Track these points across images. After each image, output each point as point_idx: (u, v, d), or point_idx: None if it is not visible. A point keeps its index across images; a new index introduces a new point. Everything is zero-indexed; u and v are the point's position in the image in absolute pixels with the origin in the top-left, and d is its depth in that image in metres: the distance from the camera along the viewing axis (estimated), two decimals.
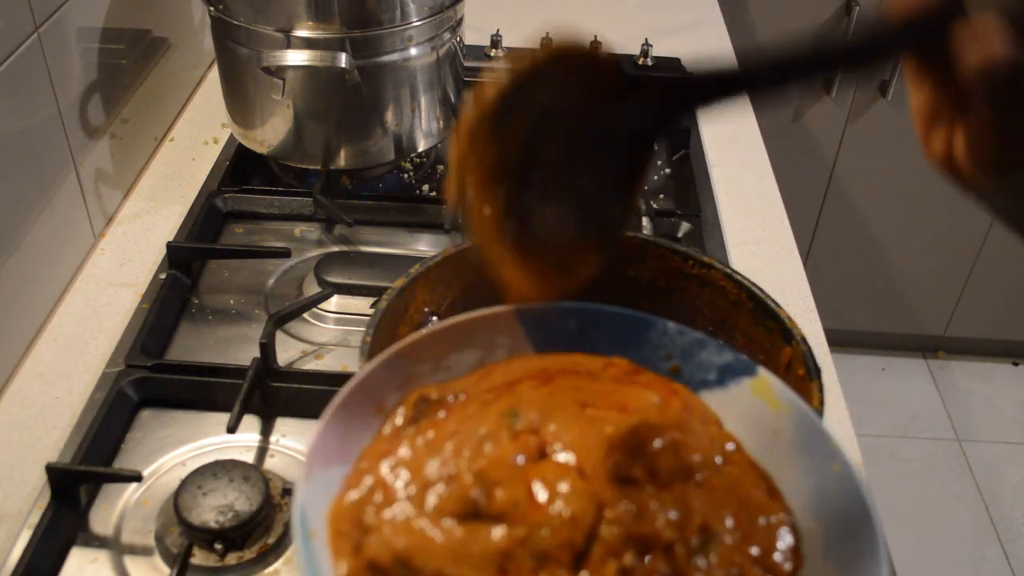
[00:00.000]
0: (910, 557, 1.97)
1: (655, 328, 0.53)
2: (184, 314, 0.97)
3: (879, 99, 1.99)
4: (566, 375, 0.52)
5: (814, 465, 0.46)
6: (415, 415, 0.49)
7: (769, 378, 0.50)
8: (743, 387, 0.51)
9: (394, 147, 1.10)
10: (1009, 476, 2.19)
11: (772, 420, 0.49)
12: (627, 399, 0.49)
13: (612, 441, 0.45)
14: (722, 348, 0.52)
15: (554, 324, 0.53)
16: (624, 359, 0.53)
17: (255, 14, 1.01)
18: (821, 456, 0.46)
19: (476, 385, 0.51)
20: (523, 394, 0.49)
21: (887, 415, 2.32)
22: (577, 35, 0.52)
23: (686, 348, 0.53)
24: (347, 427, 0.47)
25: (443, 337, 0.52)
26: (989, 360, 2.45)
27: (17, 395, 0.88)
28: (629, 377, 0.52)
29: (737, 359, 0.52)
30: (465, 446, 0.45)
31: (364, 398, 0.48)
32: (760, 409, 0.50)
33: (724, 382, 0.51)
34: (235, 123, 1.14)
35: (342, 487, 0.45)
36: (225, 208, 1.11)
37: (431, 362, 0.51)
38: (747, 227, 1.12)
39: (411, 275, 0.70)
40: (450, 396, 0.50)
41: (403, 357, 0.50)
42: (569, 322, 0.54)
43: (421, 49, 1.06)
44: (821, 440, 0.47)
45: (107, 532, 0.75)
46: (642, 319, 0.54)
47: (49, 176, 0.97)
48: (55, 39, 0.96)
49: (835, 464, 0.46)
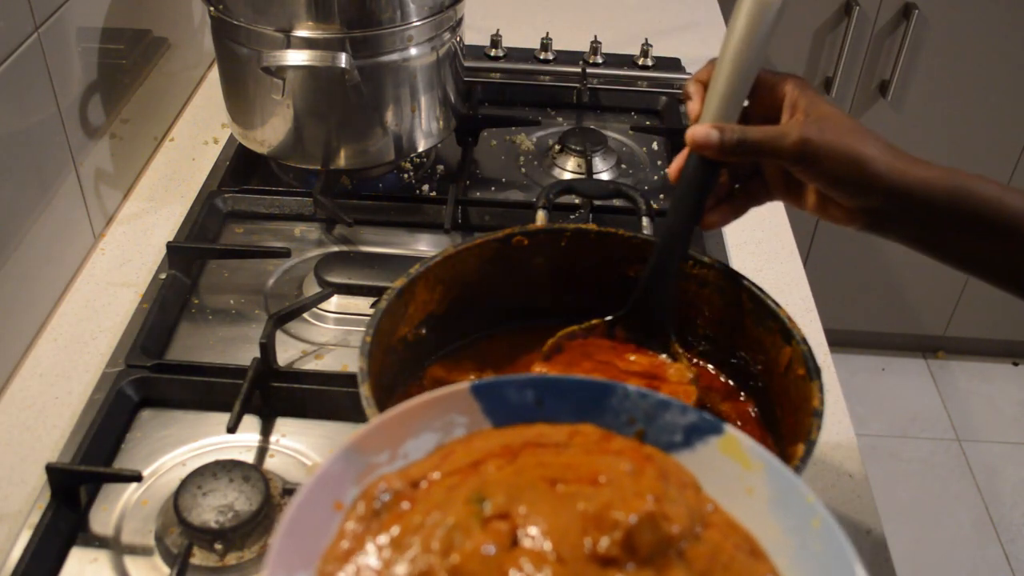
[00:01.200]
0: (910, 557, 1.97)
1: (615, 393, 0.52)
2: (184, 314, 0.97)
3: (879, 99, 1.99)
4: (531, 449, 0.50)
5: (793, 522, 0.46)
6: (376, 509, 0.47)
7: (736, 435, 0.49)
8: (711, 447, 0.50)
9: (394, 147, 1.10)
10: (1009, 476, 2.19)
11: (745, 479, 0.48)
12: (598, 470, 0.48)
13: (586, 519, 0.44)
14: (685, 409, 0.51)
15: (511, 397, 0.52)
16: (591, 426, 0.52)
17: (255, 14, 1.01)
18: (799, 512, 0.46)
19: (437, 468, 0.49)
20: (489, 475, 0.48)
21: (887, 415, 2.32)
22: None
23: (648, 411, 0.52)
24: (307, 530, 0.46)
25: (397, 423, 0.50)
26: (989, 360, 2.45)
27: (17, 395, 0.88)
28: (599, 445, 0.51)
29: (702, 419, 0.50)
30: (434, 539, 0.44)
31: (322, 497, 0.46)
32: (731, 468, 0.49)
33: (691, 443, 0.50)
34: (235, 123, 1.14)
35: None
36: (225, 208, 1.11)
37: (388, 450, 0.50)
38: (747, 227, 1.12)
39: (411, 275, 0.70)
40: (411, 484, 0.48)
41: (358, 449, 0.48)
42: (526, 393, 0.52)
43: (421, 49, 1.06)
44: (797, 495, 0.46)
45: (107, 532, 0.75)
46: (601, 385, 0.52)
47: (49, 176, 0.97)
48: (55, 39, 0.96)
49: (814, 520, 0.45)
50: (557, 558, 0.42)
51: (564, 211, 1.09)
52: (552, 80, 1.38)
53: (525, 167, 1.23)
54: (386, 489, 0.47)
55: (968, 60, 1.94)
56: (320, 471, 0.47)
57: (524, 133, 1.29)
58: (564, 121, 1.34)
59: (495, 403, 0.52)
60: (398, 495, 0.47)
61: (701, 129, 0.66)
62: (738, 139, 0.65)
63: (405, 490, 0.48)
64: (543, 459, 0.49)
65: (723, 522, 0.47)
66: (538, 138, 1.29)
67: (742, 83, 0.68)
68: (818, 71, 1.97)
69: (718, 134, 0.65)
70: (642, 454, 0.50)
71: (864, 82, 1.97)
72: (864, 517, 0.80)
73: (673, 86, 1.38)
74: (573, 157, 1.23)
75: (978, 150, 2.04)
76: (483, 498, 0.45)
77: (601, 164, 1.23)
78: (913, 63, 1.93)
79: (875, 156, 0.63)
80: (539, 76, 1.39)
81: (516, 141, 1.28)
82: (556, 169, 1.23)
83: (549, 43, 1.41)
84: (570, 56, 1.41)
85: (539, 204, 0.97)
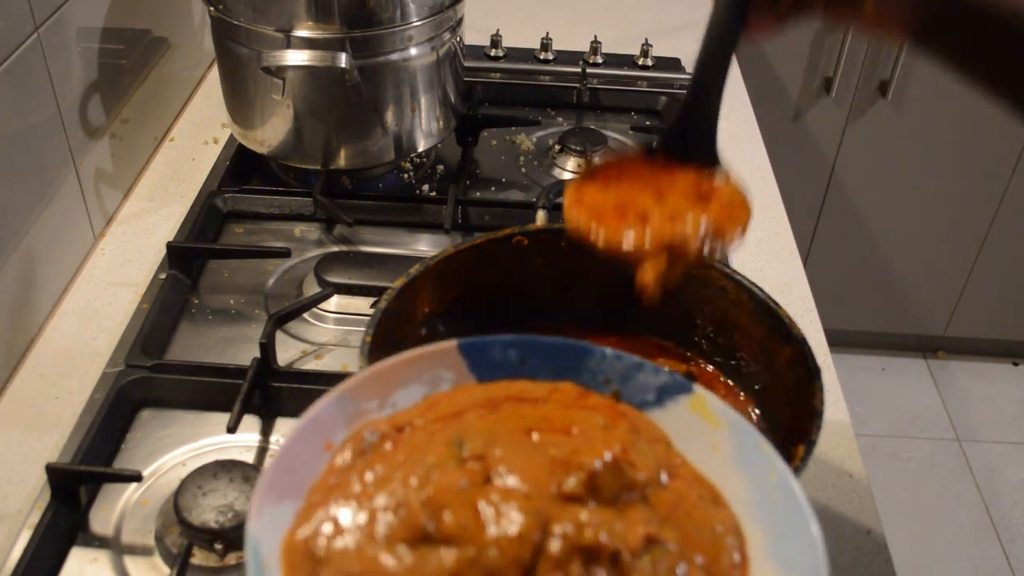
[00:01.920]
0: (910, 557, 1.97)
1: (593, 355, 0.56)
2: (184, 314, 0.97)
3: (879, 99, 1.99)
4: (512, 403, 0.53)
5: (753, 475, 0.49)
6: (363, 449, 0.50)
7: (704, 395, 0.53)
8: (681, 405, 0.53)
9: (394, 147, 1.10)
10: (1009, 476, 2.19)
11: (711, 435, 0.51)
12: (572, 423, 0.51)
13: (555, 463, 0.47)
14: (658, 371, 0.54)
15: (497, 355, 0.56)
16: (570, 384, 0.55)
17: (255, 14, 1.01)
18: (759, 466, 0.49)
19: (422, 416, 0.52)
20: (469, 423, 0.51)
21: (887, 415, 2.32)
22: None
23: (624, 372, 0.55)
24: (297, 463, 0.49)
25: (388, 374, 0.54)
26: (989, 360, 2.45)
27: (17, 395, 0.88)
28: (576, 402, 0.54)
29: (673, 379, 0.54)
30: (412, 475, 0.47)
31: (313, 436, 0.50)
32: (700, 426, 0.52)
33: (663, 402, 0.54)
34: (235, 123, 1.14)
35: (294, 522, 0.47)
36: (225, 208, 1.11)
37: (377, 399, 0.53)
38: None
39: (411, 275, 0.70)
40: (397, 429, 0.52)
41: (349, 395, 0.52)
42: (510, 353, 0.56)
43: (421, 49, 1.06)
44: (758, 450, 0.49)
45: (107, 532, 0.75)
46: (581, 347, 0.56)
47: (49, 176, 0.97)
48: (55, 39, 0.96)
49: (772, 473, 0.48)
50: (524, 494, 0.45)
51: None
52: (552, 80, 1.38)
53: (525, 167, 1.24)
54: (373, 432, 0.51)
55: None
56: (313, 412, 0.50)
57: (524, 133, 1.29)
58: (564, 121, 1.34)
59: (480, 361, 0.55)
60: (383, 437, 0.51)
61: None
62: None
63: (390, 433, 0.51)
64: (522, 411, 0.52)
65: (689, 475, 0.51)
66: (538, 138, 1.29)
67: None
68: (818, 71, 1.97)
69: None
70: (616, 411, 0.53)
71: (864, 82, 1.97)
72: (864, 517, 0.80)
73: (673, 86, 1.38)
74: (573, 157, 1.23)
75: (978, 150, 2.04)
76: (462, 441, 0.49)
77: None
78: (913, 63, 1.93)
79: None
80: (539, 76, 1.39)
81: (516, 141, 1.28)
82: (556, 169, 1.23)
83: (549, 43, 1.41)
84: (570, 56, 1.41)
85: (539, 204, 0.97)
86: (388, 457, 0.49)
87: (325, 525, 0.46)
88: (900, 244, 2.18)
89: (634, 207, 0.65)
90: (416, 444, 0.50)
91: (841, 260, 2.20)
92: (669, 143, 0.69)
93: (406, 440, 0.50)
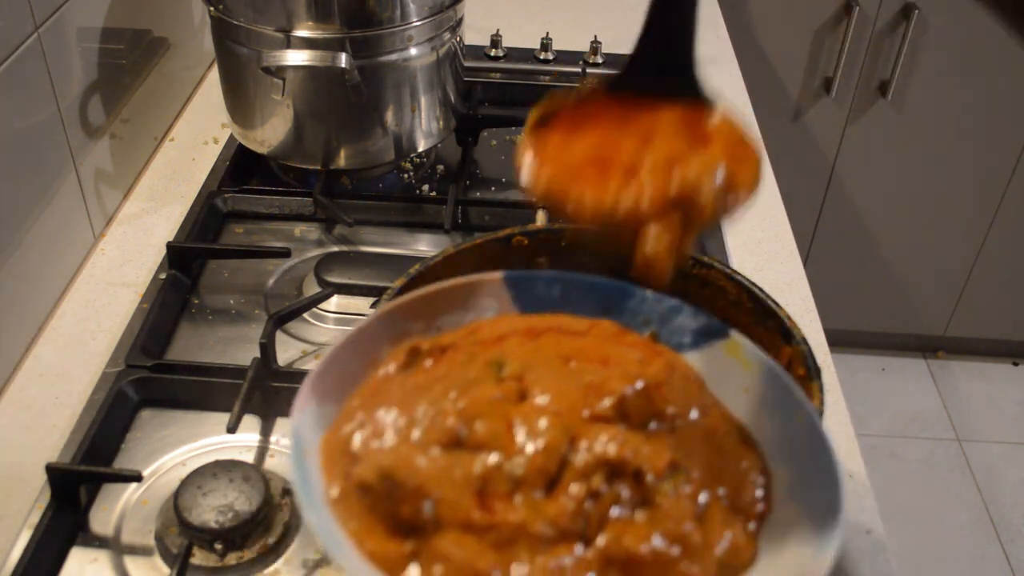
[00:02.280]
0: (910, 557, 1.97)
1: (634, 296, 0.57)
2: (184, 314, 0.97)
3: (879, 99, 1.99)
4: (553, 333, 0.54)
5: (781, 416, 0.50)
6: (406, 363, 0.52)
7: (740, 339, 0.54)
8: (716, 349, 0.55)
9: (394, 147, 1.10)
10: (1009, 476, 2.19)
11: (743, 378, 0.53)
12: (610, 355, 0.52)
13: (589, 388, 0.48)
14: (697, 313, 0.56)
15: (540, 290, 0.57)
16: (609, 321, 0.56)
17: (255, 14, 1.01)
18: (787, 408, 0.50)
19: (465, 339, 0.53)
20: (510, 348, 0.52)
21: (887, 415, 2.32)
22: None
23: (663, 314, 0.57)
24: (342, 370, 0.51)
25: (435, 298, 0.55)
26: (989, 360, 2.45)
27: (17, 395, 0.88)
28: (616, 338, 0.55)
29: (710, 322, 0.55)
30: (451, 388, 0.48)
31: (359, 347, 0.52)
32: (733, 368, 0.54)
33: (699, 344, 0.55)
34: (235, 123, 1.14)
35: (334, 421, 0.49)
36: (225, 208, 1.11)
37: (423, 321, 0.55)
38: (747, 227, 1.12)
39: (411, 275, 0.70)
40: (440, 349, 0.53)
41: (397, 314, 0.54)
42: (554, 288, 0.57)
43: (421, 49, 1.06)
44: (787, 393, 0.51)
45: (107, 532, 0.75)
46: (622, 287, 0.57)
47: (49, 176, 0.97)
48: (55, 39, 0.96)
49: (799, 415, 0.49)
50: (556, 411, 0.47)
51: None
52: (552, 80, 1.38)
53: None
54: (417, 348, 0.53)
55: (968, 60, 1.93)
56: (361, 325, 0.53)
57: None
58: None
59: (524, 294, 0.57)
60: (427, 354, 0.52)
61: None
62: None
63: (434, 351, 0.53)
64: (561, 342, 0.54)
65: (720, 415, 0.52)
66: None
67: None
68: (818, 71, 1.97)
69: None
70: (653, 350, 0.55)
71: (864, 82, 1.97)
72: (864, 517, 0.80)
73: None
74: None
75: (978, 150, 2.04)
76: (501, 363, 0.50)
77: None
78: (913, 63, 1.93)
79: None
80: (539, 76, 1.39)
81: (516, 141, 1.28)
82: None
83: (549, 43, 1.41)
84: (570, 56, 1.41)
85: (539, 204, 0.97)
86: (430, 372, 0.51)
87: (364, 426, 0.48)
88: (900, 244, 2.18)
89: (617, 158, 0.51)
90: (457, 362, 0.51)
91: (841, 260, 2.20)
92: (636, 73, 0.54)
93: (448, 359, 0.52)
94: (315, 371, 0.49)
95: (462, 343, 0.53)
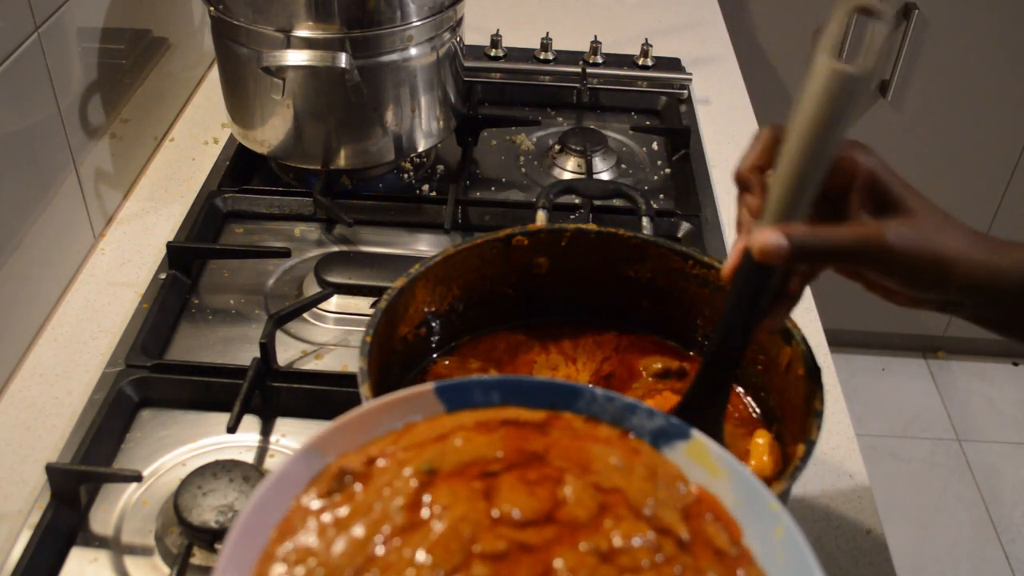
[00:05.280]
0: (910, 557, 1.97)
1: (583, 396, 0.51)
2: (184, 314, 0.97)
3: (879, 99, 1.99)
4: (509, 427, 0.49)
5: (758, 530, 0.46)
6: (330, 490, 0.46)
7: (704, 441, 0.49)
8: (678, 451, 0.49)
9: (394, 147, 1.10)
10: (1009, 476, 2.19)
11: (711, 485, 0.48)
12: (589, 458, 0.47)
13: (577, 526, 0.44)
14: (653, 414, 0.50)
15: (476, 398, 0.51)
16: (570, 413, 0.51)
17: (255, 14, 1.01)
18: (764, 520, 0.46)
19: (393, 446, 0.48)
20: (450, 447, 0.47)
21: (887, 415, 2.32)
22: None
23: (616, 414, 0.51)
24: (263, 530, 0.45)
25: (359, 423, 0.49)
26: (989, 360, 2.45)
27: (17, 395, 0.88)
28: (586, 429, 0.50)
29: (669, 423, 0.50)
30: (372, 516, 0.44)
31: (280, 498, 0.46)
32: (698, 474, 0.49)
33: (658, 447, 0.50)
34: (235, 123, 1.14)
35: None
36: (225, 208, 1.11)
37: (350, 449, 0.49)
38: None
39: (411, 275, 0.70)
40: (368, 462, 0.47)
41: (318, 450, 0.47)
42: (492, 395, 0.51)
43: (421, 49, 1.06)
44: (762, 504, 0.46)
45: (107, 532, 0.75)
46: (569, 387, 0.51)
47: (49, 176, 0.97)
48: (55, 39, 0.96)
49: (778, 529, 0.45)
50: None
51: (564, 211, 1.09)
52: (552, 80, 1.38)
53: (525, 167, 1.23)
54: (344, 470, 0.47)
55: (968, 60, 1.93)
56: (279, 472, 0.46)
57: (524, 133, 1.29)
58: (564, 121, 1.34)
59: (460, 404, 0.51)
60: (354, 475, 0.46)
61: (769, 236, 0.55)
62: (819, 246, 0.55)
63: (361, 470, 0.47)
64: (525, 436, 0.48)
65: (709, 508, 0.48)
66: (538, 138, 1.29)
67: (815, 171, 0.55)
68: None
69: (788, 242, 0.54)
70: (630, 447, 0.49)
71: None
72: (864, 517, 0.80)
73: (673, 86, 1.38)
74: (573, 157, 1.23)
75: (978, 150, 2.04)
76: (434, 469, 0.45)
77: (601, 164, 1.23)
78: (913, 63, 1.93)
79: (957, 255, 0.57)
80: (539, 76, 1.38)
81: (516, 141, 1.28)
82: (556, 169, 1.23)
83: (549, 43, 1.41)
84: (570, 56, 1.41)
85: (539, 204, 0.97)
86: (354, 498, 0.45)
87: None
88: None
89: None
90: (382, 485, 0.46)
91: None
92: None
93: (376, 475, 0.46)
94: (233, 535, 0.43)
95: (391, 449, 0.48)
